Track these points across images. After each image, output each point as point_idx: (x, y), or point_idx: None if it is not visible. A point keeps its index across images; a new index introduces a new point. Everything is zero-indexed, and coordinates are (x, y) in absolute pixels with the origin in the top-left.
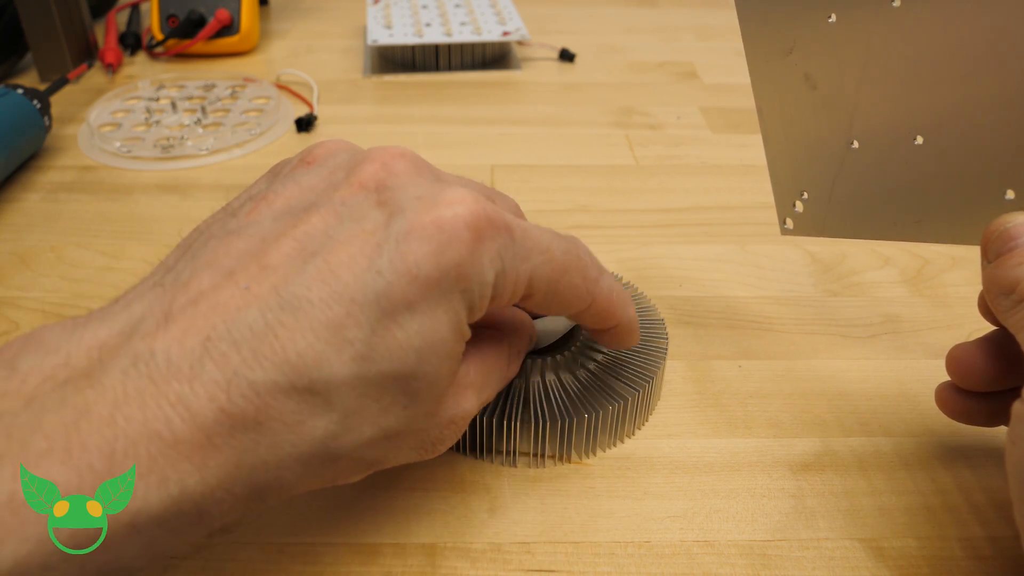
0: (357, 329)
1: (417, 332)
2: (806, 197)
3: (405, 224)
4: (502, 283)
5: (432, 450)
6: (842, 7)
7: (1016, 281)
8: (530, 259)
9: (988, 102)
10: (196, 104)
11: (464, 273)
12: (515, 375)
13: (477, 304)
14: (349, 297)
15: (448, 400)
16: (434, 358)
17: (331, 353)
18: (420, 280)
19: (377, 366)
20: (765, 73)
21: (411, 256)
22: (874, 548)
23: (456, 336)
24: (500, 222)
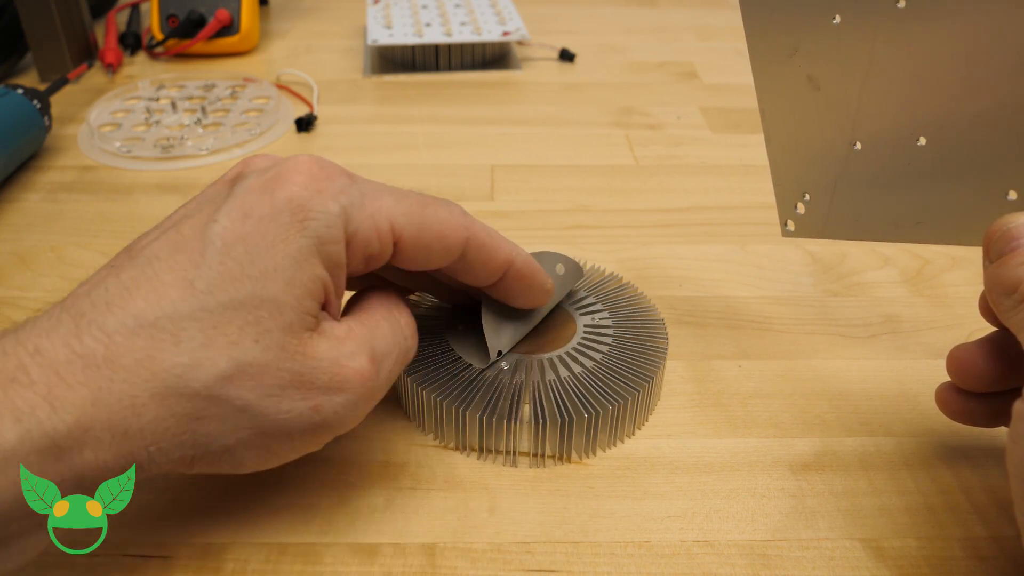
0: (195, 268)
1: (251, 261)
2: (808, 199)
3: (243, 186)
4: (356, 216)
5: (330, 405)
6: (847, 8)
7: (1018, 281)
8: (379, 198)
9: (991, 103)
10: (196, 104)
11: (300, 205)
12: (413, 345)
13: (327, 235)
14: (189, 246)
15: (317, 341)
16: (272, 284)
17: (173, 292)
18: (253, 217)
19: (216, 298)
20: (769, 74)
21: (246, 203)
22: (874, 548)
23: (298, 264)
24: (334, 168)
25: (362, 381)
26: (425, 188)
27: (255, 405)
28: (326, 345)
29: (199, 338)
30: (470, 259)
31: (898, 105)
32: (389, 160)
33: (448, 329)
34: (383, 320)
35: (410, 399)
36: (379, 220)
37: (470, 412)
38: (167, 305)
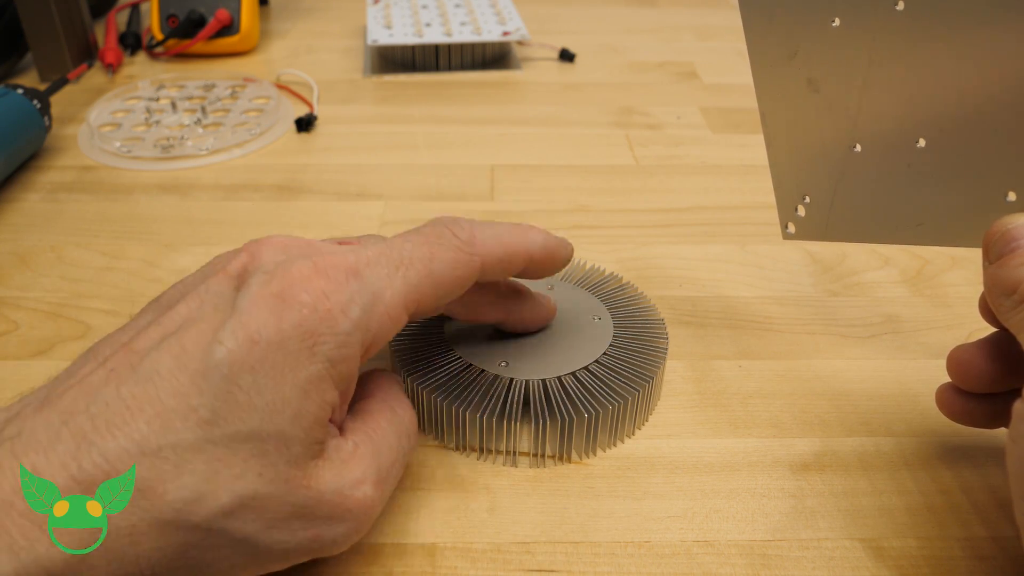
0: (200, 396)
1: (259, 393)
2: (808, 201)
3: (248, 296)
4: (370, 321)
5: (330, 534)
6: (846, 11)
7: (1017, 282)
8: (390, 285)
9: (989, 105)
10: (196, 104)
11: (309, 331)
12: (415, 444)
13: (339, 355)
14: (193, 367)
15: (322, 469)
16: (279, 417)
17: (177, 421)
18: (261, 344)
19: (222, 429)
20: (769, 77)
21: (252, 324)
22: (874, 548)
23: (307, 394)
24: (339, 272)
25: (365, 510)
26: (425, 188)
27: (255, 537)
28: (331, 474)
29: (202, 470)
30: (487, 277)
31: (897, 107)
32: (389, 160)
33: (448, 329)
34: (386, 424)
35: (410, 399)
36: (393, 312)
37: (470, 412)
38: (171, 434)
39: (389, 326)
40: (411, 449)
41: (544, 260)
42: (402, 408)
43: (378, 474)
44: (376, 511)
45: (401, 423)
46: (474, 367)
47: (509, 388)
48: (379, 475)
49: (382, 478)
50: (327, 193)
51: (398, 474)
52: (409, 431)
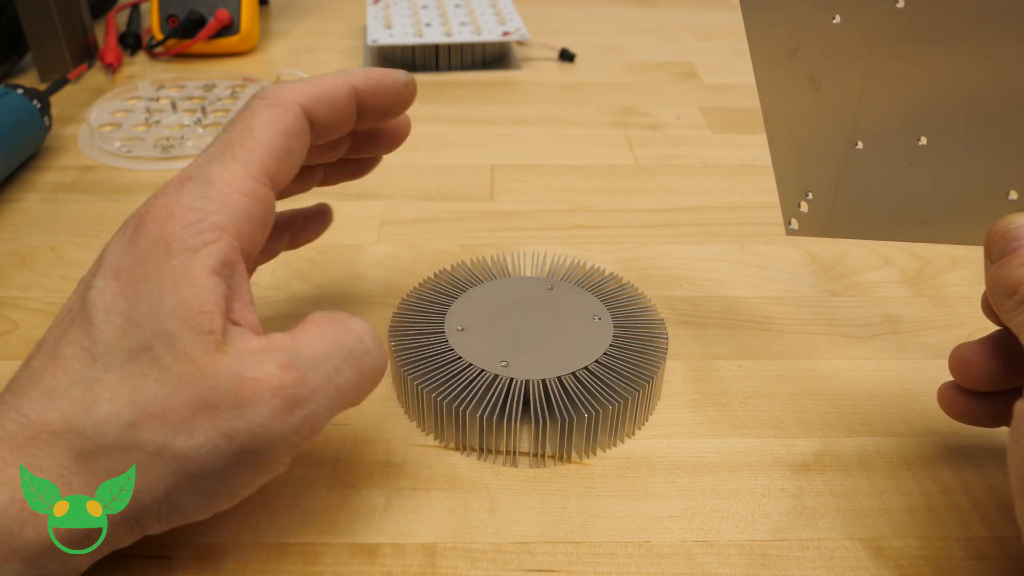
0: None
1: (135, 308)
2: (811, 198)
3: (108, 248)
4: (218, 205)
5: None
6: (846, 8)
7: (1019, 282)
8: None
9: (991, 103)
10: (196, 104)
11: (158, 237)
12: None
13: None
14: (78, 318)
15: (219, 359)
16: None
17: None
18: (125, 270)
19: (115, 356)
20: (770, 74)
21: (113, 260)
22: (875, 548)
23: (175, 287)
24: (172, 185)
25: (272, 390)
26: (425, 188)
27: (168, 446)
28: (227, 360)
29: (107, 396)
30: (327, 123)
31: (898, 105)
32: (389, 160)
33: (448, 329)
34: (321, 325)
35: (410, 399)
36: (240, 186)
37: (470, 412)
38: (73, 376)
39: (245, 202)
40: (366, 353)
41: (375, 88)
42: (348, 318)
43: (291, 359)
44: (290, 394)
45: (344, 326)
46: (474, 367)
47: (509, 388)
48: (293, 360)
49: (301, 364)
50: (327, 193)
51: (342, 371)
52: (359, 334)
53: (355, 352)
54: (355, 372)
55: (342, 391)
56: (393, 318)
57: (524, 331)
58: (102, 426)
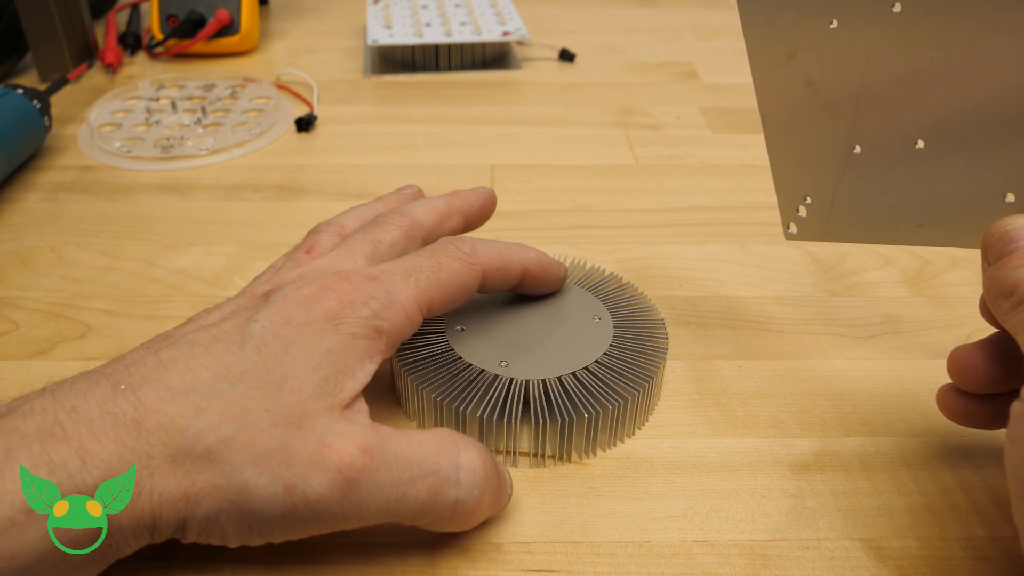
0: (232, 357)
1: (285, 353)
2: (809, 202)
3: (280, 295)
4: (388, 315)
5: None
6: (843, 13)
7: (1016, 283)
8: (404, 287)
9: (988, 105)
10: (196, 104)
11: (335, 314)
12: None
13: (361, 332)
14: (229, 339)
15: (326, 417)
16: (301, 367)
17: (207, 373)
18: (292, 323)
19: (246, 381)
20: (768, 78)
21: (285, 311)
22: (875, 548)
23: (328, 355)
24: (360, 277)
25: (339, 465)
26: (425, 188)
27: (239, 473)
28: (326, 422)
29: (219, 408)
30: (489, 285)
31: (896, 109)
32: (389, 160)
33: (448, 329)
34: (432, 437)
35: (410, 399)
36: (408, 309)
37: (470, 412)
38: (199, 383)
39: (405, 322)
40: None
41: (539, 274)
42: (466, 445)
43: (373, 447)
44: (354, 477)
45: (448, 445)
46: (474, 367)
47: (509, 388)
48: (373, 449)
49: (377, 455)
50: (327, 193)
51: (412, 483)
52: (453, 459)
53: (441, 475)
54: (429, 493)
55: (405, 501)
56: None
57: (524, 331)
58: (202, 431)
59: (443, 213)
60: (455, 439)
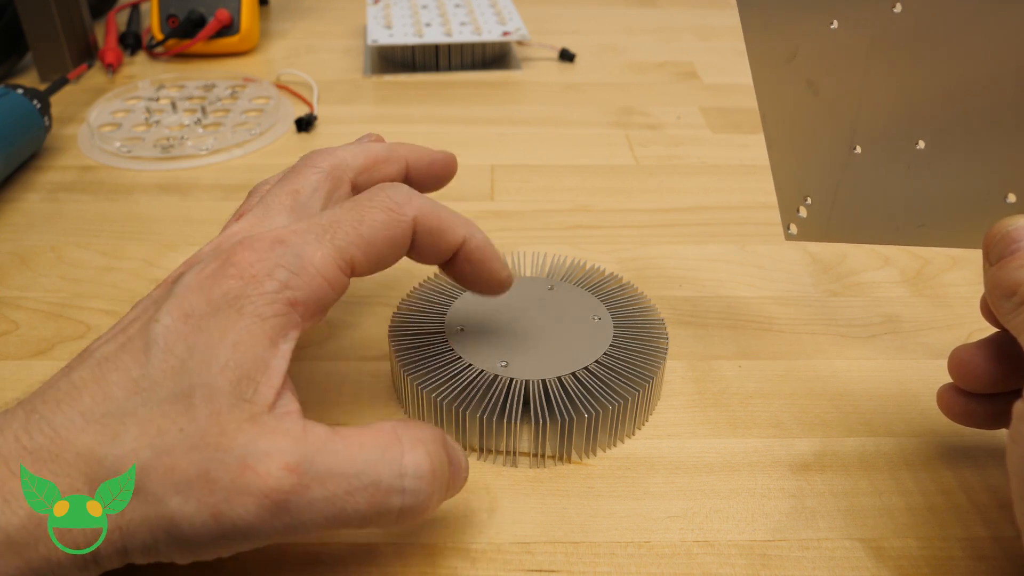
0: (139, 368)
1: (191, 355)
2: (810, 202)
3: (182, 283)
4: (299, 282)
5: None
6: (844, 13)
7: (1018, 283)
8: (319, 247)
9: (988, 106)
10: (196, 104)
11: (236, 295)
12: (409, 503)
13: (268, 311)
14: (134, 347)
15: (242, 431)
16: (208, 370)
17: (118, 391)
18: (194, 317)
19: (156, 393)
20: (769, 79)
21: (185, 302)
22: (875, 548)
23: (235, 347)
24: (265, 242)
25: (264, 490)
26: None
27: (165, 503)
28: (246, 438)
29: (134, 431)
30: (420, 247)
31: (896, 109)
32: None
33: (448, 329)
34: (371, 438)
35: (410, 399)
36: (326, 272)
37: (470, 412)
38: (111, 403)
39: (324, 287)
40: (391, 486)
41: (478, 259)
42: (411, 442)
43: (302, 462)
44: (281, 500)
45: (391, 446)
46: (474, 367)
47: (509, 388)
48: (303, 464)
49: (304, 469)
50: None
51: (349, 496)
52: (396, 465)
53: (383, 485)
54: (370, 505)
55: (344, 516)
56: (393, 318)
57: (524, 331)
58: (120, 459)
59: (378, 156)
60: (399, 436)
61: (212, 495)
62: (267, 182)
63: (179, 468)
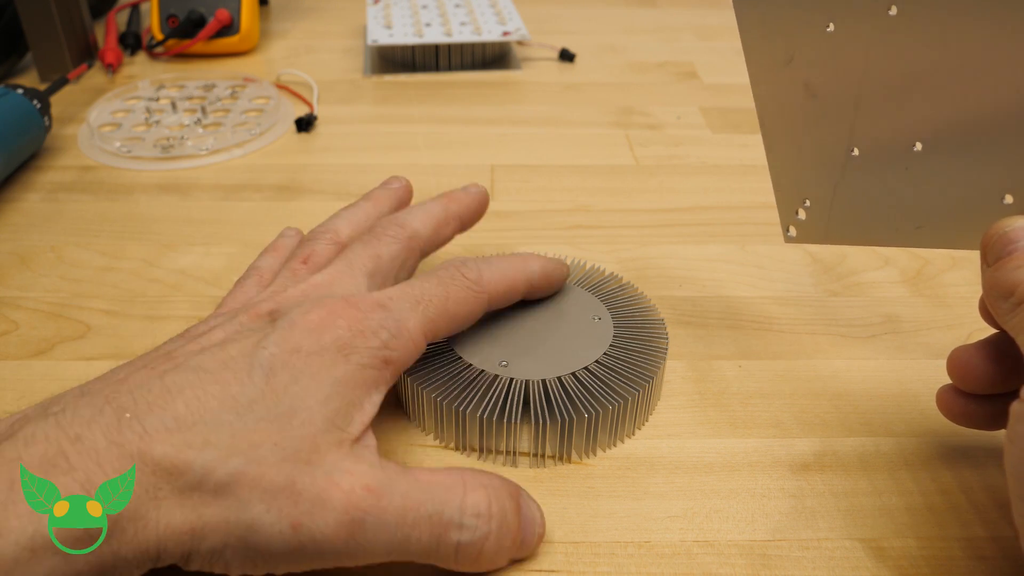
0: (240, 385)
1: (295, 383)
2: (808, 205)
3: (288, 320)
4: (395, 343)
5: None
6: (840, 16)
7: (1015, 284)
8: (412, 315)
9: (985, 107)
10: (196, 104)
11: (345, 344)
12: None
13: (370, 362)
14: (237, 366)
15: (330, 454)
16: (310, 399)
17: (215, 403)
18: (302, 352)
19: (253, 413)
20: (766, 82)
21: (294, 338)
22: (875, 548)
23: (339, 384)
24: (368, 303)
25: (345, 504)
26: (425, 188)
27: (247, 510)
28: (334, 458)
29: (227, 442)
30: (495, 306)
31: (893, 111)
32: (389, 160)
33: None
34: (441, 478)
35: (410, 399)
36: (416, 339)
37: (470, 412)
38: (207, 413)
39: (412, 351)
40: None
41: (543, 283)
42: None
43: (379, 484)
44: (361, 517)
45: (454, 487)
46: (474, 367)
47: (509, 388)
48: (382, 488)
49: (382, 492)
50: (327, 193)
51: (415, 527)
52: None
53: (443, 518)
54: (431, 536)
55: (407, 544)
56: None
57: (524, 331)
58: (209, 465)
59: (440, 220)
60: (464, 479)
61: (296, 506)
62: (326, 230)
63: (267, 476)
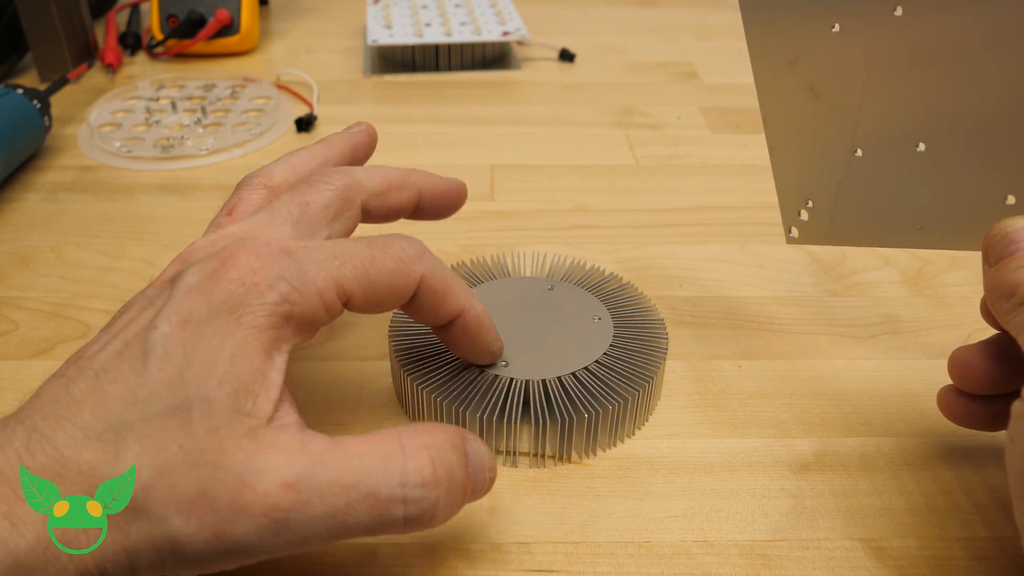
0: (137, 377)
1: (189, 364)
2: (811, 206)
3: (182, 284)
4: (299, 297)
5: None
6: (845, 17)
7: (1017, 284)
8: (323, 267)
9: (988, 109)
10: (196, 104)
11: (236, 303)
12: (412, 513)
13: (266, 323)
14: (132, 355)
15: (240, 447)
16: (206, 384)
17: (117, 404)
18: (193, 323)
19: (155, 406)
20: (770, 82)
21: (184, 306)
22: (875, 548)
23: (233, 359)
24: (271, 249)
25: (263, 509)
26: None
27: (168, 522)
28: (243, 455)
29: (135, 448)
30: (418, 303)
31: (897, 112)
32: (389, 160)
33: None
34: (372, 446)
35: (410, 399)
36: (326, 294)
37: (470, 412)
38: (111, 417)
39: (319, 308)
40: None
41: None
42: (415, 448)
43: (300, 476)
44: (281, 518)
45: (391, 455)
46: (474, 367)
47: (509, 388)
48: (301, 478)
49: (302, 485)
50: None
51: (350, 510)
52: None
53: (382, 495)
54: (371, 516)
55: (346, 528)
56: (393, 318)
57: (524, 331)
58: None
59: (393, 182)
60: (403, 443)
61: (213, 514)
62: (257, 175)
63: (179, 487)
